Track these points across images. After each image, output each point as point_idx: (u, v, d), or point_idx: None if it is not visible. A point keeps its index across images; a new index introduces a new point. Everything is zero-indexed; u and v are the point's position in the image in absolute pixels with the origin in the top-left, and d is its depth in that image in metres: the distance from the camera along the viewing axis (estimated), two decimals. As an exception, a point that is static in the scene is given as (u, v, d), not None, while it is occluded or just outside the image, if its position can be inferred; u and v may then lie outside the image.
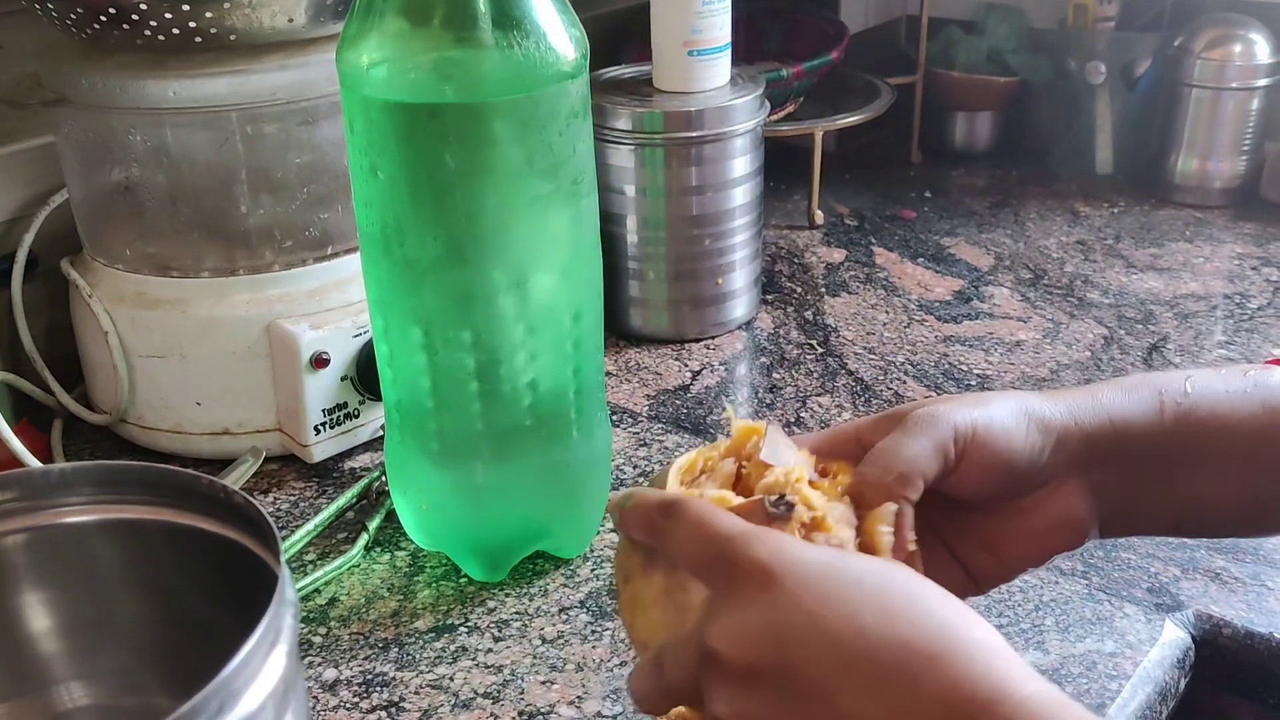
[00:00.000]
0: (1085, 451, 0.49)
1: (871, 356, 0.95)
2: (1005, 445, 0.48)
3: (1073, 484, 0.50)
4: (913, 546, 0.47)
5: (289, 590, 0.41)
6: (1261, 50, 1.18)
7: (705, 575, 0.42)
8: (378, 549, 0.72)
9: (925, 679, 0.36)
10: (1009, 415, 0.49)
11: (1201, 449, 0.50)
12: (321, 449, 0.78)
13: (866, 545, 0.45)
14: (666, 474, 0.47)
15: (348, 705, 0.60)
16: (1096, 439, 0.49)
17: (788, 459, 0.47)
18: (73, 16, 0.71)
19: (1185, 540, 0.72)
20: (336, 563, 0.70)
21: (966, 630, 0.38)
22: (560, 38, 0.60)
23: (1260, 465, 0.50)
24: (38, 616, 0.49)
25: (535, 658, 0.63)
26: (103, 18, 0.70)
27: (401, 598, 0.68)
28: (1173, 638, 0.64)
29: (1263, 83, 1.19)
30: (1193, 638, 0.65)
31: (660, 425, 0.86)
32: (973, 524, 0.51)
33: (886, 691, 0.37)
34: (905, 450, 0.47)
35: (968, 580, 0.52)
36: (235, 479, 0.76)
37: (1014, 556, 0.51)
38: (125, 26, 0.70)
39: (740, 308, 0.99)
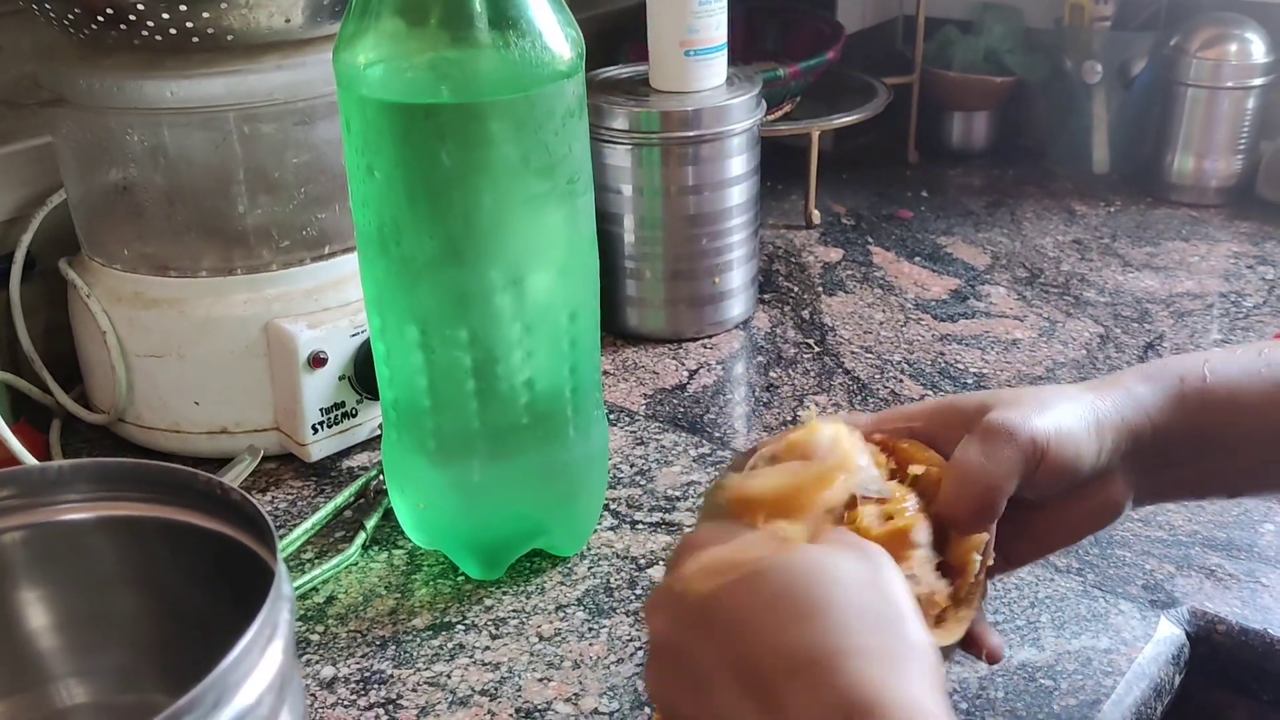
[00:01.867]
0: (1132, 448, 0.51)
1: (868, 355, 0.95)
2: (1075, 454, 0.49)
3: (1118, 480, 0.52)
4: (990, 564, 0.49)
5: (285, 586, 0.41)
6: (1257, 49, 1.18)
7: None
8: (375, 548, 0.73)
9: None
10: (1077, 422, 0.49)
11: (1221, 430, 0.52)
12: (319, 448, 0.78)
13: (954, 566, 0.48)
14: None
15: (345, 703, 0.61)
16: (1139, 435, 0.51)
17: (870, 483, 0.48)
18: (70, 17, 0.71)
19: (1180, 538, 0.72)
20: (334, 561, 0.70)
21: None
22: (556, 37, 0.60)
23: (1274, 435, 0.52)
24: (35, 613, 0.49)
25: (532, 655, 0.64)
26: (100, 18, 0.70)
27: (399, 596, 0.68)
28: (1167, 634, 0.64)
29: (1258, 82, 1.19)
30: (1187, 634, 0.65)
31: (657, 424, 0.86)
32: (1017, 516, 0.51)
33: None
34: (993, 469, 0.48)
35: (1002, 563, 0.53)
36: (233, 478, 0.76)
37: (1051, 541, 0.53)
38: (123, 27, 0.70)
39: (737, 307, 1.00)
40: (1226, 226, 1.19)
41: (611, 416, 0.86)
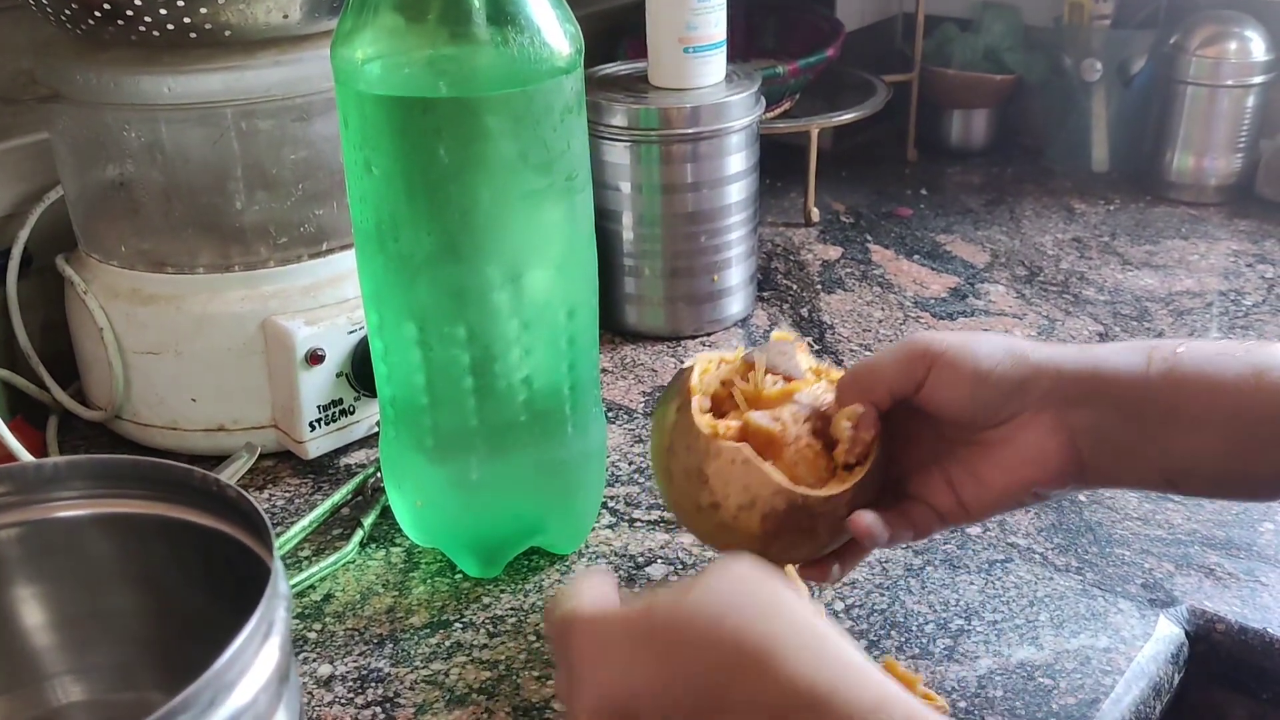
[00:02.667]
0: (1061, 389, 0.52)
1: (867, 353, 0.95)
2: (972, 368, 0.52)
3: (1046, 419, 0.53)
4: (868, 437, 0.54)
5: (282, 583, 0.41)
6: (1257, 48, 1.18)
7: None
8: (373, 545, 0.72)
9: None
10: (984, 344, 0.53)
11: (1186, 402, 0.51)
12: (317, 445, 0.78)
13: (830, 435, 0.55)
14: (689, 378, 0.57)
15: (343, 701, 0.60)
16: (1074, 378, 0.52)
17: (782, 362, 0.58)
18: (67, 12, 0.71)
19: (1179, 536, 0.72)
20: (331, 559, 0.70)
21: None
22: (555, 33, 0.60)
23: (1246, 425, 0.50)
24: (31, 611, 0.49)
25: (530, 654, 0.63)
26: (97, 13, 0.70)
27: (396, 594, 0.68)
28: (1167, 633, 0.64)
29: (1258, 80, 1.19)
30: (1187, 633, 0.65)
31: (656, 422, 0.85)
32: (960, 453, 0.55)
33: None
34: (877, 358, 0.55)
35: (959, 506, 0.56)
36: (230, 475, 0.76)
37: (994, 485, 0.55)
38: (120, 22, 0.70)
39: (736, 304, 0.99)
40: (1226, 225, 1.19)
41: (610, 414, 0.86)
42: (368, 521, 0.73)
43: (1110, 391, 0.52)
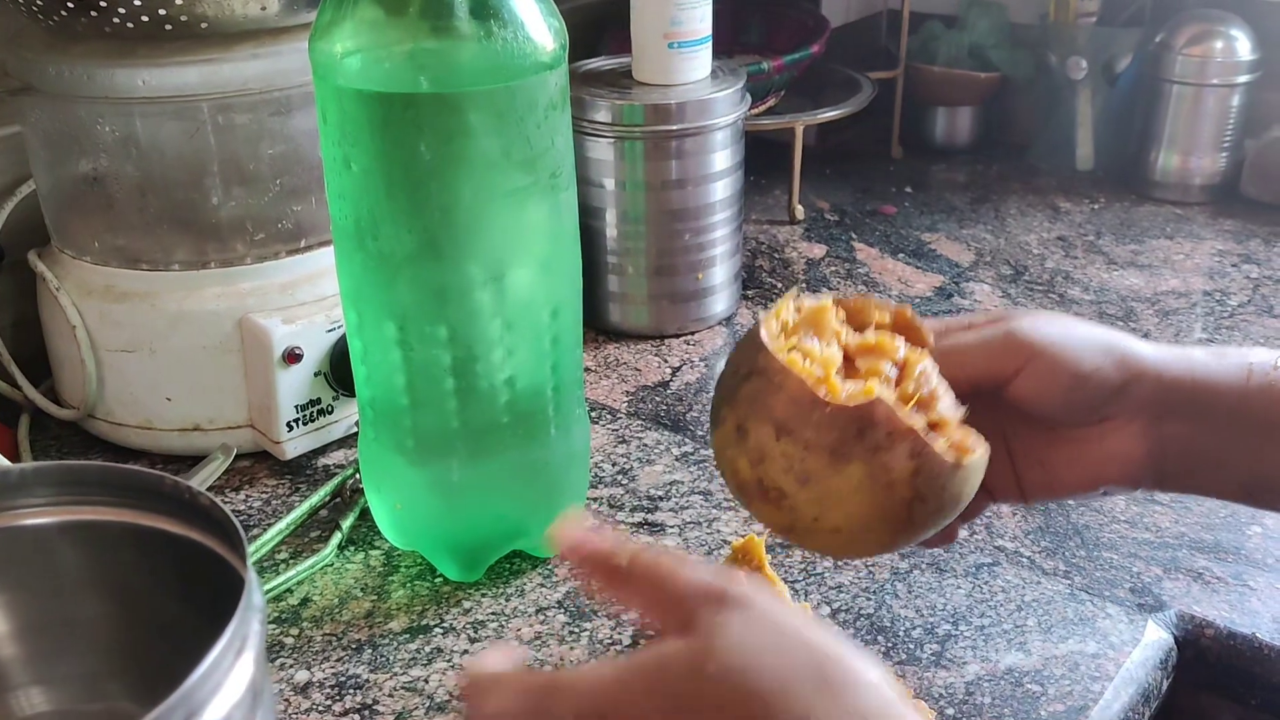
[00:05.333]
0: (1159, 398, 0.50)
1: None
2: (1072, 370, 0.49)
3: (1138, 426, 0.51)
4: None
5: (256, 595, 0.40)
6: (1243, 47, 1.18)
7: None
8: (351, 548, 0.71)
9: None
10: (1084, 341, 0.50)
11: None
12: (294, 446, 0.77)
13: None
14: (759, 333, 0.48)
15: (320, 708, 0.59)
16: (1173, 388, 0.50)
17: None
18: (39, 3, 0.69)
19: (1167, 540, 0.71)
20: (309, 562, 0.69)
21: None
22: (538, 27, 0.58)
23: None
24: (-4, 620, 0.48)
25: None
26: (70, 4, 0.68)
27: (375, 598, 0.67)
28: (1155, 638, 0.64)
29: (1243, 79, 1.19)
30: (1175, 638, 0.65)
31: (639, 422, 0.85)
32: (1035, 439, 0.53)
33: None
34: (965, 349, 0.50)
35: (1017, 489, 0.54)
36: (206, 476, 0.74)
37: (1064, 479, 0.53)
38: (93, 13, 0.68)
39: (720, 303, 0.98)
40: (1211, 224, 1.18)
41: (593, 414, 0.85)
42: (346, 524, 0.72)
43: (1208, 403, 0.50)
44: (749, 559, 0.63)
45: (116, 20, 0.69)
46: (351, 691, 0.60)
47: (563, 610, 0.66)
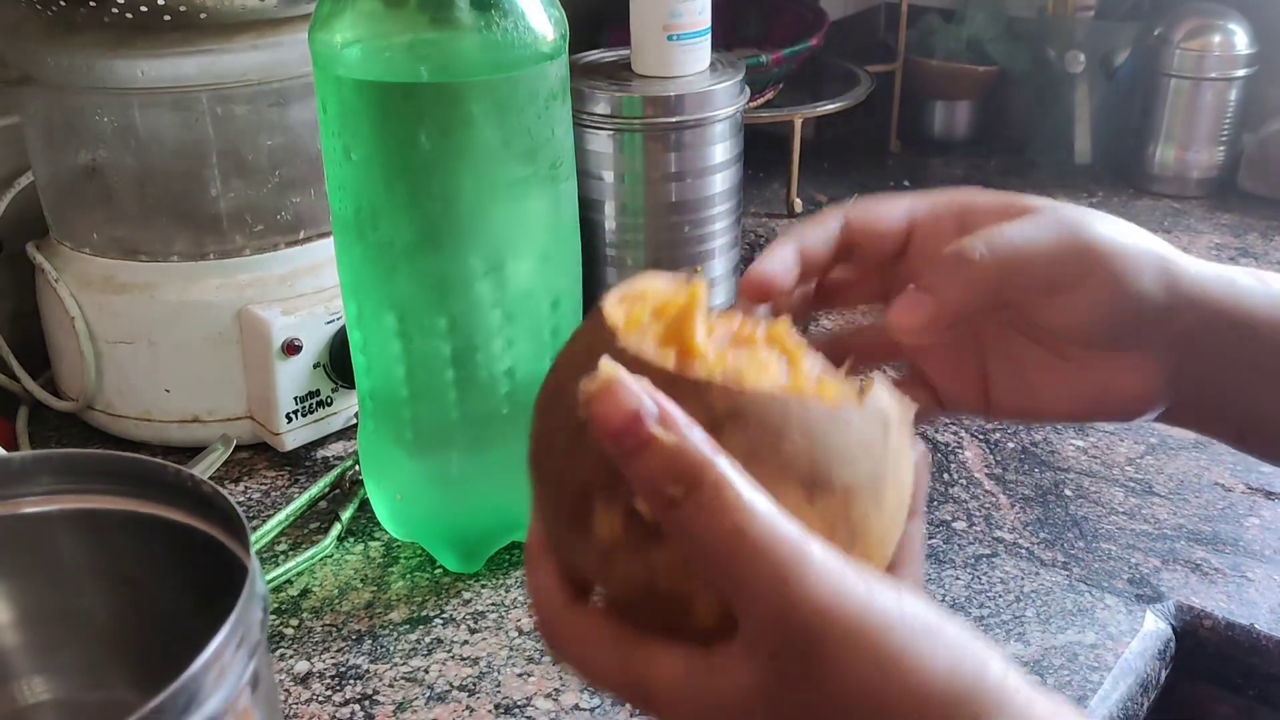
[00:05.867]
0: (1199, 333, 0.42)
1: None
2: (1132, 285, 0.40)
3: (1163, 358, 0.42)
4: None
5: (259, 584, 0.40)
6: (1240, 41, 1.18)
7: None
8: (351, 539, 0.71)
9: None
10: (1142, 253, 0.40)
11: None
12: (293, 437, 0.77)
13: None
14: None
15: (320, 698, 0.59)
16: (1215, 318, 0.42)
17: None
18: (37, -7, 0.69)
19: (1165, 531, 0.71)
20: (309, 553, 0.69)
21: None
22: (539, 18, 0.58)
23: None
24: (-2, 609, 0.48)
25: (512, 650, 0.62)
26: (68, -6, 0.68)
27: (375, 589, 0.67)
28: (1153, 629, 0.64)
29: (1241, 73, 1.19)
30: (1173, 629, 0.65)
31: (638, 414, 0.84)
32: (1025, 358, 0.43)
33: None
34: (1025, 248, 0.38)
35: (982, 402, 0.44)
36: (205, 467, 0.74)
37: (1049, 403, 0.44)
38: (92, 3, 0.68)
39: (719, 296, 0.98)
40: (1208, 218, 1.19)
41: (592, 406, 0.85)
42: (346, 515, 0.72)
43: (1246, 336, 0.42)
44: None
45: (115, 10, 0.69)
46: (352, 682, 0.60)
47: (562, 601, 0.66)
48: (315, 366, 0.76)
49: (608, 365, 0.32)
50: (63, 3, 0.69)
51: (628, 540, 0.33)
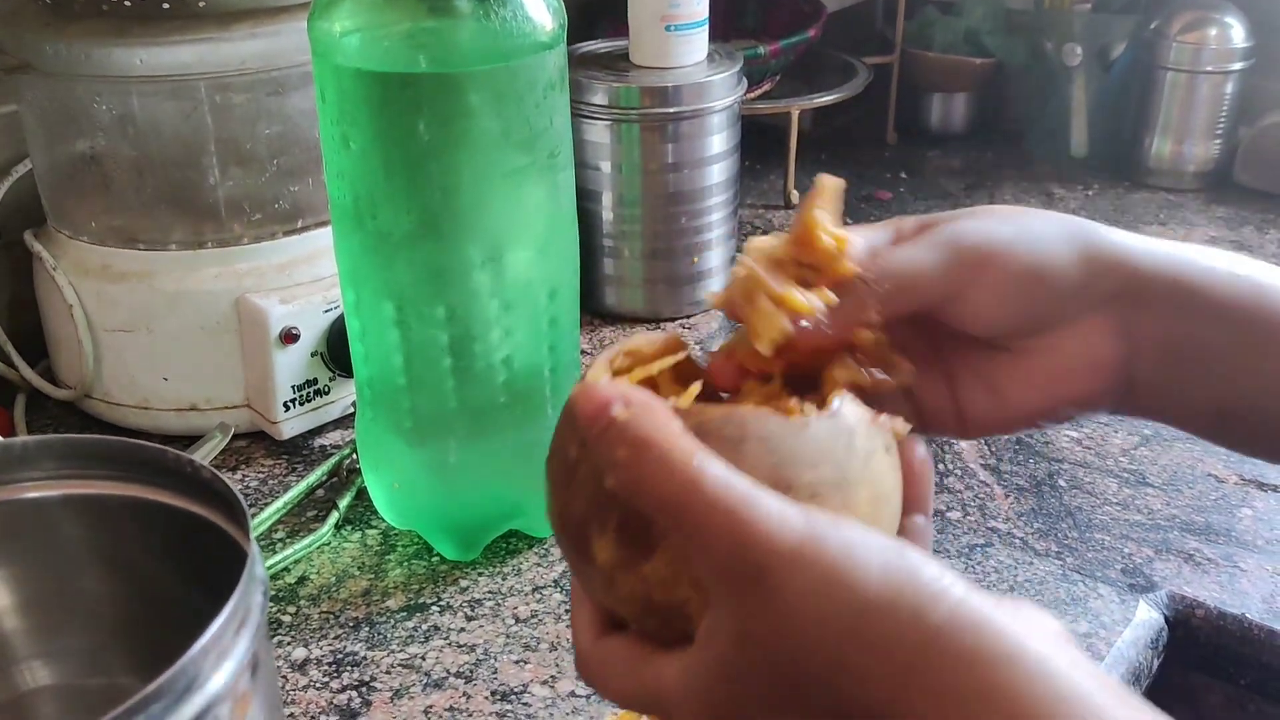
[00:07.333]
0: (1132, 290, 0.41)
1: (847, 336, 0.94)
2: (1031, 269, 0.40)
3: (1106, 325, 0.42)
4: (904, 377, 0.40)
5: (258, 567, 0.40)
6: (1237, 34, 1.18)
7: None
8: (348, 527, 0.71)
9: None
10: (1042, 236, 0.41)
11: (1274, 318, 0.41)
12: (291, 426, 0.77)
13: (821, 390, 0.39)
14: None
15: (318, 685, 0.60)
16: (1150, 279, 0.41)
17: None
18: (36, -19, 0.69)
19: (1159, 521, 0.72)
20: (306, 541, 0.69)
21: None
22: (537, 7, 0.58)
23: None
24: (-2, 594, 0.48)
25: (508, 637, 0.63)
26: (67, -18, 0.68)
27: (373, 576, 0.67)
28: (1146, 618, 0.64)
29: (1237, 66, 1.19)
30: (1166, 618, 0.65)
31: (635, 404, 0.85)
32: (979, 359, 0.43)
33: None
34: (916, 272, 0.40)
35: (958, 421, 0.44)
36: (203, 455, 0.74)
37: (1018, 403, 0.43)
38: (90, -9, 0.68)
39: (716, 286, 0.99)
40: (1204, 211, 1.19)
41: (588, 396, 0.85)
42: (343, 503, 0.72)
43: (1189, 298, 0.41)
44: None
45: (114, -1, 0.69)
46: (349, 668, 0.61)
47: (558, 589, 0.66)
48: (313, 355, 0.76)
49: (592, 372, 0.36)
50: (61, -9, 0.69)
51: (621, 559, 0.36)
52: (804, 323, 0.39)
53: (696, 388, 0.39)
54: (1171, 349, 0.42)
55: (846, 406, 0.37)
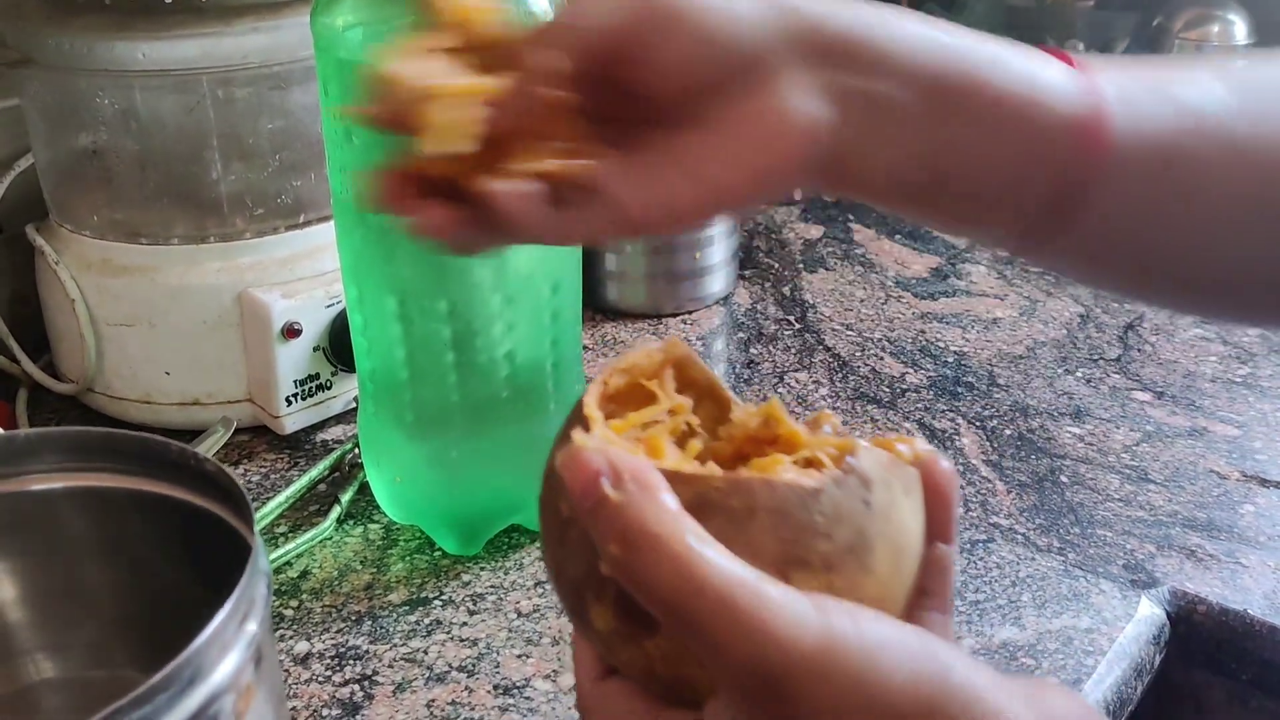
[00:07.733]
0: (835, 49, 0.39)
1: (849, 333, 0.95)
2: (726, 24, 0.38)
3: (805, 80, 0.39)
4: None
5: (262, 560, 0.40)
6: (1239, 31, 1.18)
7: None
8: (350, 522, 0.72)
9: None
10: None
11: (980, 88, 0.41)
12: (293, 420, 0.77)
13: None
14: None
15: (320, 679, 0.60)
16: (847, 37, 0.40)
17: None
18: (38, -26, 0.69)
19: (1161, 518, 0.72)
20: (308, 535, 0.69)
21: None
22: (540, 0, 0.58)
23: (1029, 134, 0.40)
24: (2, 586, 0.48)
25: (510, 631, 0.63)
26: (70, -24, 0.68)
27: (375, 571, 0.67)
28: (1148, 614, 0.64)
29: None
30: (1168, 614, 0.65)
31: (637, 399, 0.85)
32: (671, 140, 0.40)
33: None
34: (585, 18, 0.38)
35: (661, 210, 0.40)
36: (205, 450, 0.74)
37: (713, 180, 0.39)
38: (93, -15, 0.68)
39: (717, 283, 0.99)
40: (1205, 208, 1.19)
41: (590, 391, 0.85)
42: (345, 498, 0.72)
43: (885, 51, 0.40)
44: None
45: (117, -7, 0.69)
46: (351, 662, 0.61)
47: (561, 584, 0.66)
48: (315, 350, 0.76)
49: (578, 437, 0.33)
50: (64, -16, 0.69)
51: (621, 631, 0.34)
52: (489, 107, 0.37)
53: (698, 446, 0.37)
54: (873, 112, 0.40)
55: (863, 458, 0.34)
